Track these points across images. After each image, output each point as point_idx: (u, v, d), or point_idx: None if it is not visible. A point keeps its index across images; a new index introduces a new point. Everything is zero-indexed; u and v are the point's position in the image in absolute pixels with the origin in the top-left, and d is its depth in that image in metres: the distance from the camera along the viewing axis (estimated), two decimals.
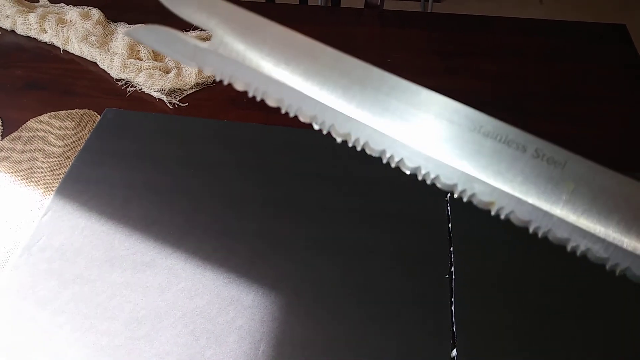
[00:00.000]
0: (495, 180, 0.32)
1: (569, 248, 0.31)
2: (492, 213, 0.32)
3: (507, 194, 0.31)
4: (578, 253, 0.31)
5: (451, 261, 0.67)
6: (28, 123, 0.88)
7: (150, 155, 0.80)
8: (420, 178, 0.34)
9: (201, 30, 0.98)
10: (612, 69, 0.95)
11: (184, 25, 0.43)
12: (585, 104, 0.89)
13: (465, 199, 0.33)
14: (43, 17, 1.04)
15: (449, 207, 0.72)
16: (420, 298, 0.64)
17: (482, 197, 0.32)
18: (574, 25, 1.04)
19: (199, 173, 0.78)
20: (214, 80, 0.94)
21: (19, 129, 0.87)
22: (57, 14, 1.06)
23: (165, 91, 0.91)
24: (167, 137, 0.83)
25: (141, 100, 0.91)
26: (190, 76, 0.92)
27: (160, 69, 0.93)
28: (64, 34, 1.01)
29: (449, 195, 0.73)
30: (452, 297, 0.63)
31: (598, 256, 0.30)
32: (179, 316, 0.63)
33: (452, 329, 0.61)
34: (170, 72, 0.93)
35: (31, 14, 1.05)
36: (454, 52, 0.99)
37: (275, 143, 0.82)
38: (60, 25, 1.03)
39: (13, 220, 0.74)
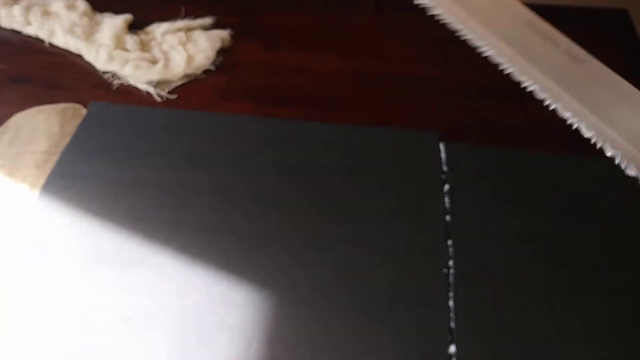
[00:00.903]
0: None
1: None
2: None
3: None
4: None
5: (449, 255, 0.65)
6: (13, 118, 0.85)
7: (138, 150, 0.78)
8: None
9: None
10: (614, 54, 0.92)
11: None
12: None
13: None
14: (28, 9, 1.01)
15: (447, 199, 0.70)
16: (418, 293, 0.62)
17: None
18: (575, 10, 1.01)
19: (188, 167, 0.75)
20: (203, 71, 0.91)
21: (4, 125, 0.84)
22: (42, 5, 1.03)
23: (153, 83, 0.89)
24: (156, 131, 0.81)
25: (128, 92, 0.89)
26: (178, 67, 0.90)
27: (147, 60, 0.91)
28: (49, 26, 0.98)
29: (446, 187, 0.71)
30: (450, 292, 0.61)
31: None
32: (168, 315, 0.61)
33: (451, 325, 0.59)
34: (158, 63, 0.90)
35: (15, 5, 1.02)
36: (452, 39, 0.96)
37: (265, 135, 0.79)
38: (45, 17, 1.00)
39: None
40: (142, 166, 0.76)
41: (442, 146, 0.75)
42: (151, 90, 0.88)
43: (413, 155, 0.75)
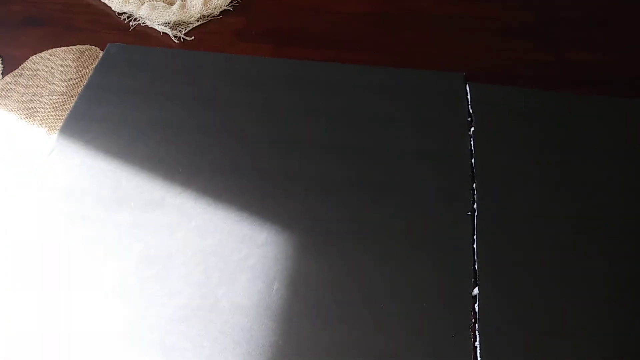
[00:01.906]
0: None
1: None
2: None
3: None
4: None
5: (474, 198, 0.63)
6: (29, 61, 0.84)
7: (155, 92, 0.77)
8: None
9: None
10: None
11: None
12: (620, 31, 0.83)
13: None
14: None
15: (472, 142, 0.68)
16: (442, 235, 0.61)
17: None
18: None
19: (206, 110, 0.74)
20: (220, 12, 0.88)
21: (20, 67, 0.83)
22: None
23: (170, 24, 0.86)
24: (173, 73, 0.79)
25: (145, 34, 0.87)
26: (195, 7, 0.87)
27: (164, 1, 0.88)
28: None
29: (472, 129, 0.68)
30: (474, 235, 0.60)
31: None
32: (190, 255, 0.61)
33: (474, 267, 0.58)
34: (175, 3, 0.87)
35: None
36: None
37: (286, 77, 0.77)
38: None
39: (18, 160, 0.72)
40: (161, 109, 0.74)
41: (468, 88, 0.72)
42: (168, 31, 0.86)
43: (438, 97, 0.73)
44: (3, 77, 0.82)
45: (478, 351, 0.53)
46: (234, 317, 0.56)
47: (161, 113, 0.74)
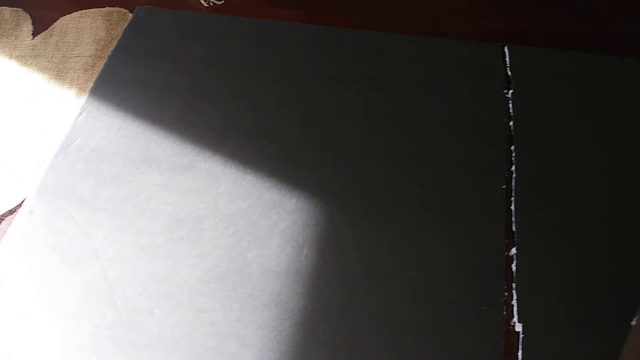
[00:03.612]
0: None
1: None
2: None
3: None
4: None
5: (512, 160, 0.62)
6: (58, 22, 0.83)
7: (184, 56, 0.76)
8: None
9: None
10: None
11: None
12: None
13: None
14: None
15: (510, 105, 0.66)
16: (480, 197, 0.60)
17: None
18: None
19: (236, 74, 0.73)
20: None
21: (50, 28, 0.83)
22: None
23: None
24: (203, 37, 0.78)
25: None
26: None
27: None
28: None
29: (510, 92, 0.67)
30: (512, 196, 0.59)
31: None
32: (219, 219, 0.60)
33: (512, 228, 0.57)
34: None
35: None
36: None
37: (318, 44, 0.76)
38: None
39: (48, 120, 0.72)
40: (189, 72, 0.74)
41: (506, 50, 0.70)
42: None
43: (475, 66, 0.71)
44: (34, 37, 0.82)
45: (515, 310, 0.52)
46: (264, 281, 0.56)
47: (190, 77, 0.73)
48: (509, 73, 0.69)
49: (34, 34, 0.82)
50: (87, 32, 0.81)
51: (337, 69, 0.72)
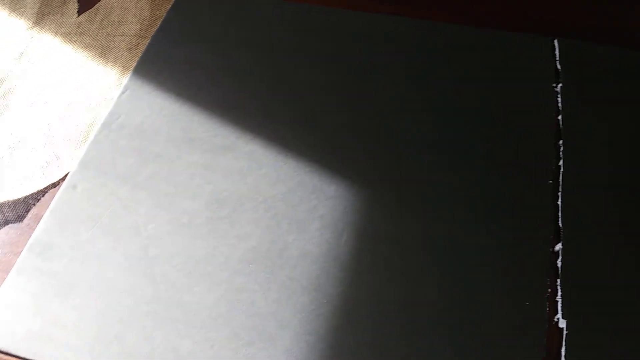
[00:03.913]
0: None
1: None
2: None
3: None
4: None
5: (559, 155, 0.61)
6: (103, 0, 0.84)
7: (229, 37, 0.76)
8: None
9: None
10: None
11: None
12: None
13: None
14: None
15: (559, 99, 0.65)
16: (526, 191, 0.59)
17: None
18: None
19: (279, 58, 0.73)
20: None
21: (95, 6, 0.84)
22: None
23: None
24: (246, 20, 0.78)
25: None
26: None
27: None
28: None
29: (560, 86, 0.66)
30: (559, 191, 0.58)
31: None
32: (260, 201, 0.61)
33: (559, 224, 0.56)
34: None
35: None
36: None
37: (360, 30, 0.75)
38: None
39: (92, 97, 0.73)
40: (234, 55, 0.74)
41: (556, 43, 0.69)
42: None
43: (524, 56, 0.69)
44: (79, 15, 0.83)
45: (559, 306, 0.51)
46: (302, 264, 0.56)
47: (232, 59, 0.74)
48: (559, 67, 0.67)
49: (79, 12, 0.83)
50: (132, 12, 0.82)
51: (381, 57, 0.72)
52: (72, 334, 0.54)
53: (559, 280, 0.53)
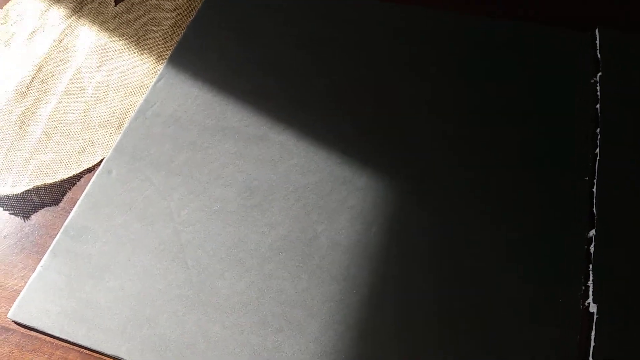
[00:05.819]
0: None
1: None
2: None
3: None
4: None
5: (597, 143, 0.60)
6: None
7: (262, 29, 0.76)
8: None
9: None
10: None
11: None
12: None
13: None
14: None
15: (599, 89, 0.64)
16: (560, 179, 0.58)
17: None
18: None
19: (313, 50, 0.73)
20: None
21: None
22: None
23: None
24: (281, 12, 0.78)
25: None
26: None
27: None
28: None
29: (599, 75, 0.64)
30: (594, 179, 0.58)
31: None
32: (291, 190, 0.61)
33: (593, 210, 0.56)
34: None
35: None
36: None
37: (396, 23, 0.75)
38: None
39: (128, 85, 0.74)
40: (266, 46, 0.74)
41: (597, 33, 0.68)
42: None
43: (563, 46, 0.68)
44: (116, 4, 0.84)
45: (590, 291, 0.51)
46: (332, 254, 0.56)
47: (266, 50, 0.74)
48: (599, 56, 0.66)
49: (117, 2, 0.85)
50: (168, 2, 0.83)
51: (416, 51, 0.71)
52: (105, 315, 0.56)
53: (591, 266, 0.52)
